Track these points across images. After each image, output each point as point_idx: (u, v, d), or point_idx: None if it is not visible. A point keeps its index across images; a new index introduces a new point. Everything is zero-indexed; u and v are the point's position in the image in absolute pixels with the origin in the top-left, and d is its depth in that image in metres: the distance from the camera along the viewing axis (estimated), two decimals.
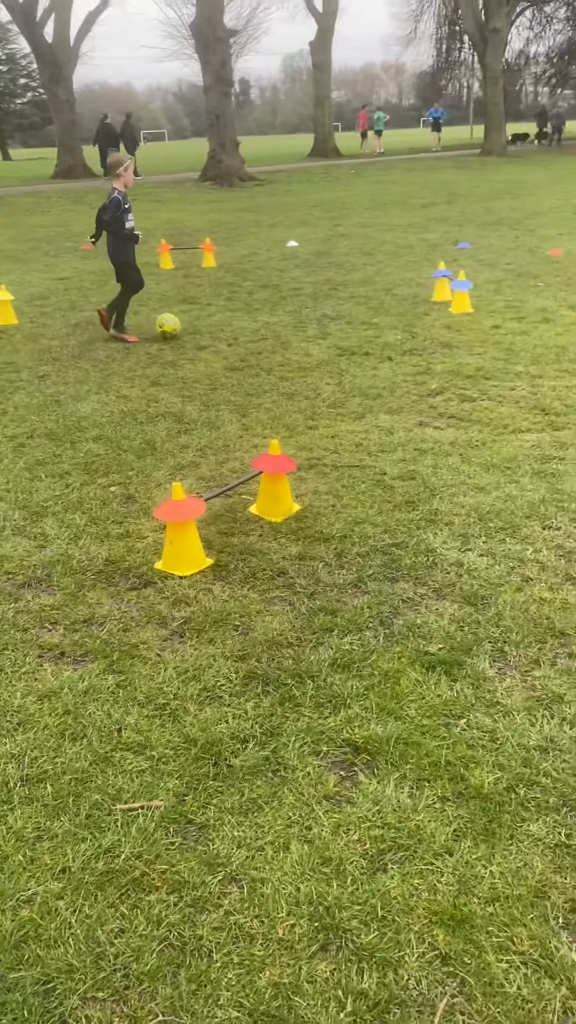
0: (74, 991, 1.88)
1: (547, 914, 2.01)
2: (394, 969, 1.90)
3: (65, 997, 1.87)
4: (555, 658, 2.96)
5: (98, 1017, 1.83)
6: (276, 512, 4.10)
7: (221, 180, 24.53)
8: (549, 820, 2.27)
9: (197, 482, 4.57)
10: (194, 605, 3.41)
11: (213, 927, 2.02)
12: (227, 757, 2.56)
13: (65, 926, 2.03)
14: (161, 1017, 1.82)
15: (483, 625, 3.16)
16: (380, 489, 4.35)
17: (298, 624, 3.23)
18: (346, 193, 21.27)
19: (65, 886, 2.15)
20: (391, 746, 2.56)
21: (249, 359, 6.93)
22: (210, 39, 23.80)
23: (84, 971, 1.92)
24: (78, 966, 1.93)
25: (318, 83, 36.61)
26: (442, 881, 2.11)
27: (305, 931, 2.00)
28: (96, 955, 1.96)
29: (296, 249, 12.57)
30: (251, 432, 5.30)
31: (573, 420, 5.21)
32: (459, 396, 5.79)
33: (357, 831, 2.27)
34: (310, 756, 2.56)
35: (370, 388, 6.05)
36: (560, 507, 4.05)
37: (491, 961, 1.91)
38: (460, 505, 4.13)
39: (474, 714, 2.69)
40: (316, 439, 5.13)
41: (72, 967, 1.93)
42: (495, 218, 15.06)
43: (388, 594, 3.39)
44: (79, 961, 1.95)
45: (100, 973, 1.92)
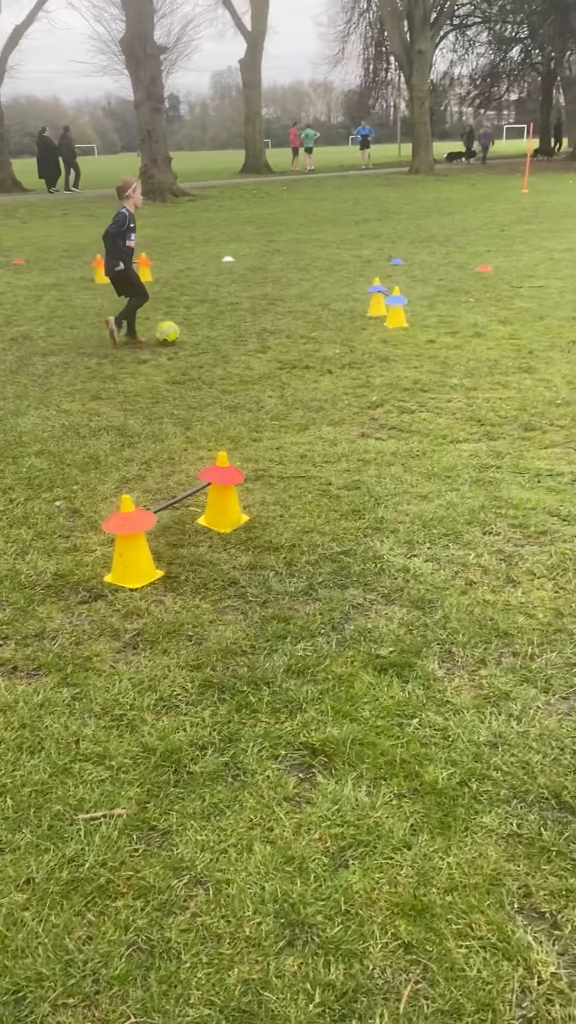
0: (45, 999, 1.89)
1: (503, 900, 2.10)
2: (359, 960, 1.96)
3: (36, 1005, 1.88)
4: (500, 657, 3.08)
5: (70, 1023, 1.84)
6: (225, 523, 4.15)
7: (154, 195, 24.53)
8: (501, 812, 2.37)
9: (144, 495, 4.59)
10: (146, 617, 3.43)
11: (181, 929, 2.06)
12: (187, 764, 2.59)
13: (32, 936, 2.04)
14: (133, 1019, 1.85)
15: (431, 628, 3.26)
16: (326, 499, 4.44)
17: (251, 632, 3.28)
18: (279, 209, 21.51)
19: (30, 897, 2.15)
20: (347, 747, 2.63)
21: (190, 372, 6.98)
22: (140, 55, 23.86)
23: (54, 979, 1.94)
24: (47, 974, 1.94)
25: (248, 100, 36.98)
26: (402, 874, 2.18)
27: (271, 928, 2.05)
28: (65, 962, 1.97)
29: (232, 264, 12.67)
30: (196, 445, 5.34)
31: (507, 431, 5.40)
32: (398, 408, 5.93)
33: (318, 830, 2.33)
34: (269, 760, 2.61)
35: (312, 400, 6.16)
36: (499, 513, 4.19)
37: (451, 947, 1.98)
38: (404, 513, 4.24)
39: (426, 713, 2.78)
40: (261, 451, 5.20)
41: (41, 975, 1.94)
42: (426, 235, 15.42)
43: (339, 600, 3.47)
44: (48, 969, 1.96)
45: (70, 980, 1.93)
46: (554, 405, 5.81)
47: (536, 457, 4.89)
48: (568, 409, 5.70)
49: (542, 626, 3.23)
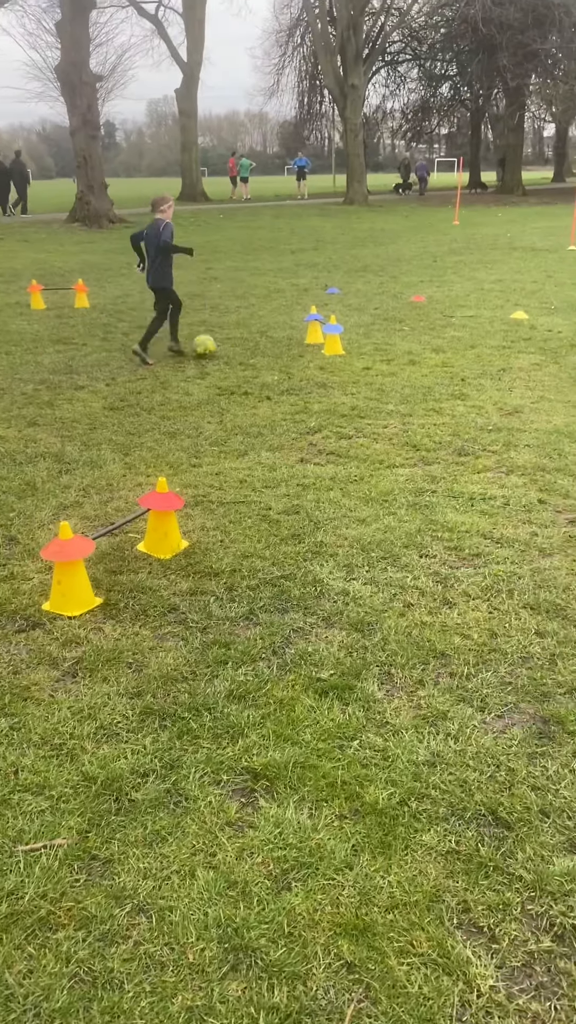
0: None
1: (443, 916, 2.14)
2: (303, 982, 1.98)
3: None
4: (438, 678, 3.14)
5: None
6: (164, 549, 4.15)
7: (90, 222, 24.49)
8: (440, 829, 2.42)
9: (82, 521, 4.57)
10: (85, 645, 3.40)
11: (123, 959, 2.04)
12: (128, 792, 2.58)
13: None
14: None
15: (370, 650, 3.31)
16: (266, 523, 4.48)
17: (192, 658, 3.29)
18: (216, 237, 21.67)
19: None
20: (289, 770, 2.65)
21: (129, 399, 6.97)
22: (76, 83, 23.89)
23: None
24: None
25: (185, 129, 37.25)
26: (344, 894, 2.20)
27: (215, 954, 2.05)
28: (5, 997, 1.94)
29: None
30: (134, 471, 5.33)
31: (442, 456, 5.53)
32: (336, 434, 6.02)
33: (260, 853, 2.34)
34: (211, 786, 2.61)
35: (251, 426, 6.21)
36: (435, 536, 4.29)
37: (393, 965, 2.01)
38: (343, 537, 4.30)
39: (366, 735, 2.82)
40: (201, 476, 5.22)
41: None
42: (361, 264, 15.72)
43: (279, 624, 3.50)
44: None
45: (10, 1015, 1.90)
46: (486, 431, 5.98)
47: (469, 481, 5.02)
48: (499, 435, 5.87)
49: (477, 646, 3.31)
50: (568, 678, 3.10)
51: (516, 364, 7.95)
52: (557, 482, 4.97)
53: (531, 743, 2.76)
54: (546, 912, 2.15)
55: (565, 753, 2.71)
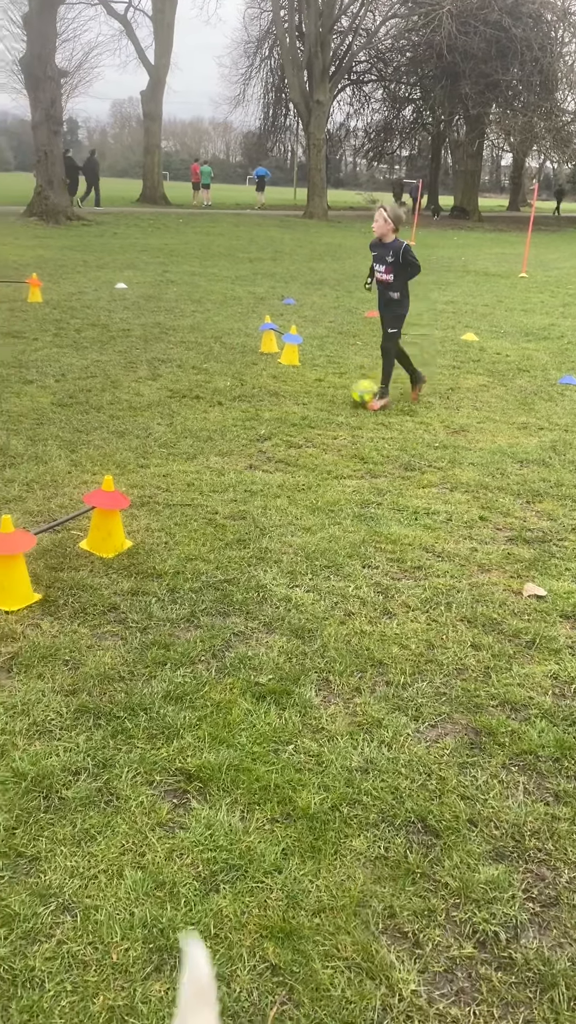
0: None
1: (368, 921, 2.16)
2: (227, 983, 1.97)
3: None
4: (375, 686, 3.17)
5: None
6: (107, 548, 4.11)
7: (48, 217, 24.18)
8: (370, 835, 2.44)
9: (24, 516, 4.50)
10: (21, 640, 3.35)
11: (45, 957, 2.01)
12: (58, 789, 2.55)
13: None
14: None
15: (309, 656, 3.33)
16: (212, 527, 4.47)
17: (130, 658, 3.26)
18: (174, 241, 21.62)
19: None
20: (223, 773, 2.64)
21: (78, 396, 6.90)
22: (40, 77, 23.62)
23: None
24: None
25: (148, 132, 37.12)
26: (272, 897, 2.21)
27: (139, 954, 2.03)
28: None
29: (125, 291, 12.63)
30: (80, 468, 5.28)
31: (389, 469, 5.59)
32: (286, 442, 6.05)
33: (190, 855, 2.33)
34: (143, 786, 2.59)
35: (201, 431, 6.20)
36: (378, 548, 4.33)
37: (318, 968, 2.02)
38: (288, 544, 4.32)
39: (301, 739, 2.83)
40: (148, 477, 5.19)
41: None
42: (318, 278, 15.84)
43: (220, 628, 3.49)
44: None
45: None
46: (432, 448, 6.06)
47: (414, 496, 5.08)
48: (445, 452, 5.96)
49: (414, 656, 3.36)
50: (501, 691, 3.16)
51: (464, 384, 8.09)
52: (498, 500, 5.06)
53: (462, 753, 2.80)
54: (470, 919, 2.18)
55: (495, 764, 2.76)
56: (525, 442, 6.28)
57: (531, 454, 5.98)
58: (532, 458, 5.90)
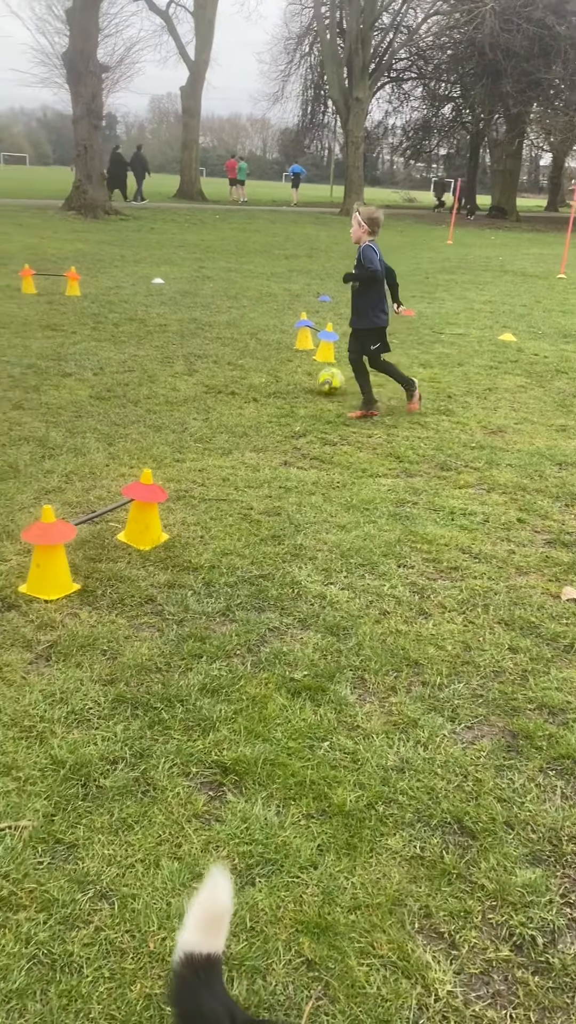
0: None
1: (404, 920, 2.15)
2: (263, 976, 1.98)
3: None
4: (410, 686, 3.16)
5: None
6: (144, 540, 4.14)
7: (86, 211, 24.36)
8: (405, 835, 2.43)
9: (63, 507, 4.54)
10: (60, 629, 3.39)
11: (84, 943, 2.03)
12: (96, 778, 2.57)
13: None
14: None
15: (344, 654, 3.33)
16: (247, 523, 4.48)
17: (167, 650, 3.28)
18: (211, 237, 21.67)
19: None
20: (258, 767, 2.65)
21: (116, 389, 6.94)
22: (82, 71, 23.78)
23: None
24: None
25: (187, 128, 37.25)
26: (307, 893, 2.21)
27: (176, 944, 2.04)
28: None
29: (162, 287, 12.68)
30: (118, 461, 5.31)
31: (424, 468, 5.57)
32: (321, 440, 6.04)
33: (226, 847, 2.34)
34: (180, 777, 2.61)
35: (236, 426, 6.21)
36: (414, 547, 4.32)
37: (353, 965, 2.02)
38: (323, 541, 4.32)
39: (336, 737, 2.83)
40: (184, 472, 5.21)
41: None
42: None
43: (255, 623, 3.50)
44: None
45: None
46: (469, 448, 6.03)
47: (451, 496, 5.06)
48: (482, 453, 5.92)
49: (451, 658, 3.34)
50: (538, 694, 3.13)
51: (502, 384, 8.03)
52: (536, 502, 5.02)
53: (499, 755, 2.79)
54: (506, 922, 2.17)
55: (532, 767, 2.74)
56: (564, 445, 6.21)
57: (570, 457, 5.92)
58: (571, 461, 5.83)
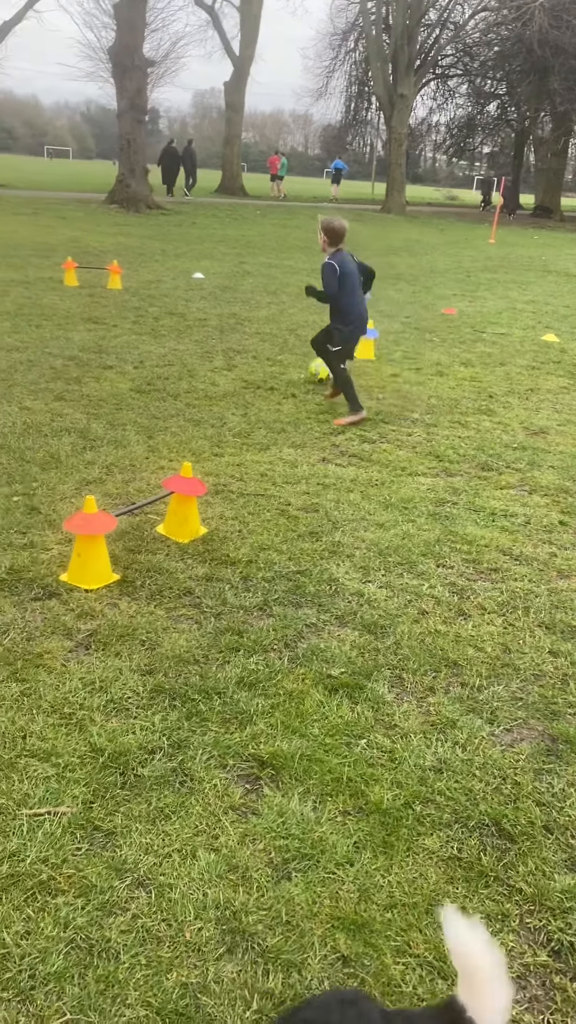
0: None
1: (441, 921, 2.14)
2: (298, 970, 1.98)
3: None
4: (448, 686, 3.14)
5: (3, 1016, 1.82)
6: (183, 533, 4.15)
7: (128, 205, 24.52)
8: (443, 835, 2.42)
9: (103, 498, 4.57)
10: (100, 618, 3.41)
11: (121, 930, 2.05)
12: (134, 767, 2.59)
13: None
14: (69, 1016, 1.83)
15: (382, 652, 3.31)
16: (285, 518, 4.48)
17: (204, 642, 3.29)
18: (251, 232, 21.69)
19: None
20: (295, 762, 2.65)
21: (156, 383, 6.98)
22: (127, 66, 23.92)
23: None
24: None
25: (230, 123, 37.29)
26: (344, 889, 2.21)
27: (212, 934, 2.05)
28: (1, 956, 1.95)
29: (202, 281, 12.72)
30: (157, 454, 5.34)
31: (465, 468, 5.53)
32: (360, 437, 6.02)
33: (263, 841, 2.34)
34: (217, 769, 2.62)
35: (275, 422, 6.22)
36: (453, 547, 4.29)
37: (389, 963, 2.01)
38: (361, 539, 4.30)
39: (374, 735, 2.82)
40: (222, 466, 5.23)
41: None
42: (394, 273, 15.72)
43: (292, 618, 3.50)
44: None
45: (5, 974, 1.91)
46: (511, 448, 5.97)
47: (491, 497, 5.01)
48: (524, 453, 5.86)
49: (490, 659, 3.31)
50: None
51: (544, 385, 7.95)
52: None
53: (539, 759, 2.76)
54: (544, 927, 2.15)
55: (572, 772, 2.71)
56: None
57: None
58: None
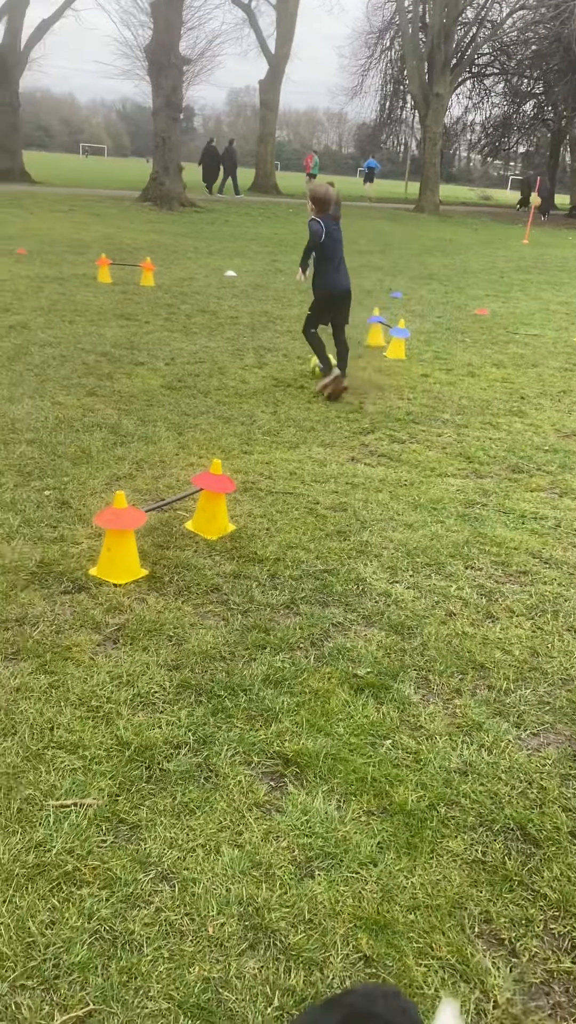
0: (4, 978, 1.89)
1: (464, 924, 2.13)
2: (320, 969, 1.98)
3: None
4: (475, 689, 3.12)
5: (28, 1004, 1.84)
6: (212, 530, 4.17)
7: (161, 202, 24.63)
8: (467, 838, 2.40)
9: (133, 494, 4.60)
10: (128, 613, 3.44)
11: (144, 923, 2.06)
12: (160, 761, 2.60)
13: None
14: (92, 1006, 1.85)
15: (409, 653, 3.30)
16: (313, 517, 4.48)
17: (231, 639, 3.30)
18: (284, 231, 21.68)
19: None
20: (320, 760, 2.65)
21: (186, 380, 7.01)
22: (164, 64, 24.03)
23: (14, 959, 1.93)
24: (8, 954, 1.94)
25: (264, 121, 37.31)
26: (366, 889, 2.20)
27: (235, 930, 2.06)
28: (27, 944, 1.97)
29: (234, 279, 12.75)
30: (187, 451, 5.36)
31: (495, 470, 5.49)
32: (389, 437, 6.01)
33: (286, 838, 2.35)
34: (241, 765, 2.62)
35: (304, 420, 6.22)
36: (482, 549, 4.26)
37: (411, 964, 2.01)
38: (389, 539, 4.29)
39: (399, 736, 2.82)
40: (251, 464, 5.24)
41: (2, 955, 1.94)
42: (427, 272, 15.65)
43: (319, 617, 3.50)
44: (9, 949, 1.95)
45: (31, 962, 1.93)
46: (542, 451, 5.92)
47: (522, 499, 4.97)
48: (555, 456, 5.81)
49: (518, 663, 3.29)
50: None
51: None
52: None
53: (565, 764, 2.74)
54: (569, 933, 2.13)
55: None
56: None
57: None
58: None
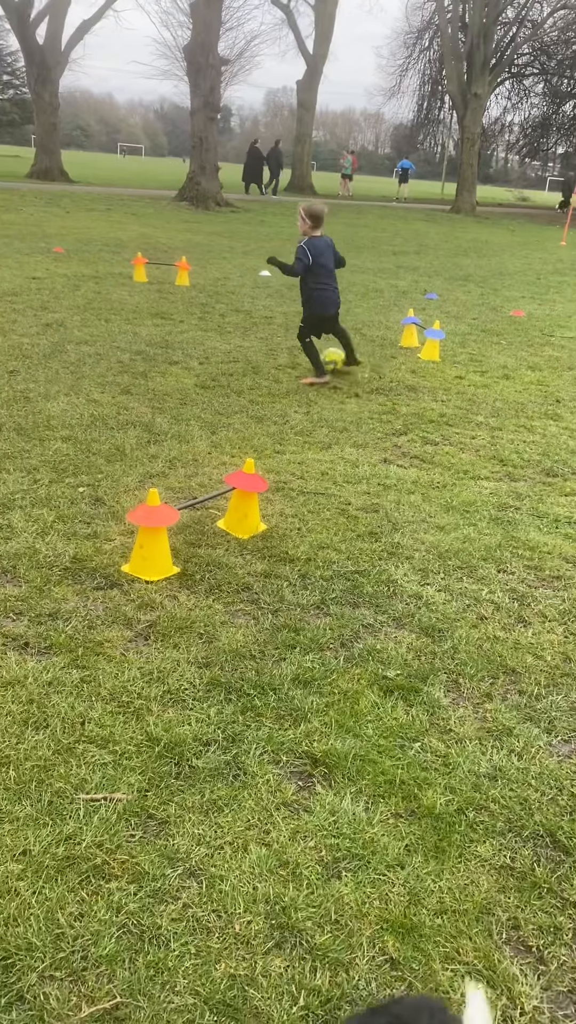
0: (32, 968, 1.91)
1: (491, 929, 2.12)
2: (346, 970, 1.98)
3: (23, 974, 1.90)
4: (506, 694, 3.10)
5: (55, 994, 1.86)
6: (243, 529, 4.18)
7: (198, 202, 24.77)
8: (496, 843, 2.39)
9: (166, 492, 4.63)
10: (159, 610, 3.46)
11: (172, 918, 2.08)
12: (189, 758, 2.62)
13: (25, 906, 2.06)
14: (118, 999, 1.86)
15: (439, 656, 3.29)
16: (344, 518, 4.48)
17: (261, 638, 3.31)
18: None
19: (25, 868, 2.17)
20: (348, 761, 2.65)
21: (220, 379, 7.04)
22: (202, 64, 24.15)
23: (43, 950, 1.95)
24: (37, 945, 1.96)
25: (301, 121, 37.36)
26: (393, 891, 2.20)
27: (261, 928, 2.07)
28: (55, 936, 1.99)
29: (268, 279, 12.77)
30: (220, 449, 5.38)
31: (529, 473, 5.44)
32: (422, 439, 5.98)
33: (314, 838, 2.35)
34: (270, 764, 2.63)
35: (337, 421, 6.21)
36: (515, 553, 4.23)
37: (437, 969, 2.00)
38: (420, 541, 4.28)
39: (428, 739, 2.80)
40: (283, 464, 5.24)
41: (31, 945, 1.96)
42: (463, 274, 15.55)
43: (349, 618, 3.50)
44: (39, 940, 1.97)
45: (59, 953, 1.95)
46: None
47: (556, 503, 4.93)
48: None
49: (550, 668, 3.26)
50: None
51: None
52: None
53: None
54: None
55: None
56: None
57: None
58: None
